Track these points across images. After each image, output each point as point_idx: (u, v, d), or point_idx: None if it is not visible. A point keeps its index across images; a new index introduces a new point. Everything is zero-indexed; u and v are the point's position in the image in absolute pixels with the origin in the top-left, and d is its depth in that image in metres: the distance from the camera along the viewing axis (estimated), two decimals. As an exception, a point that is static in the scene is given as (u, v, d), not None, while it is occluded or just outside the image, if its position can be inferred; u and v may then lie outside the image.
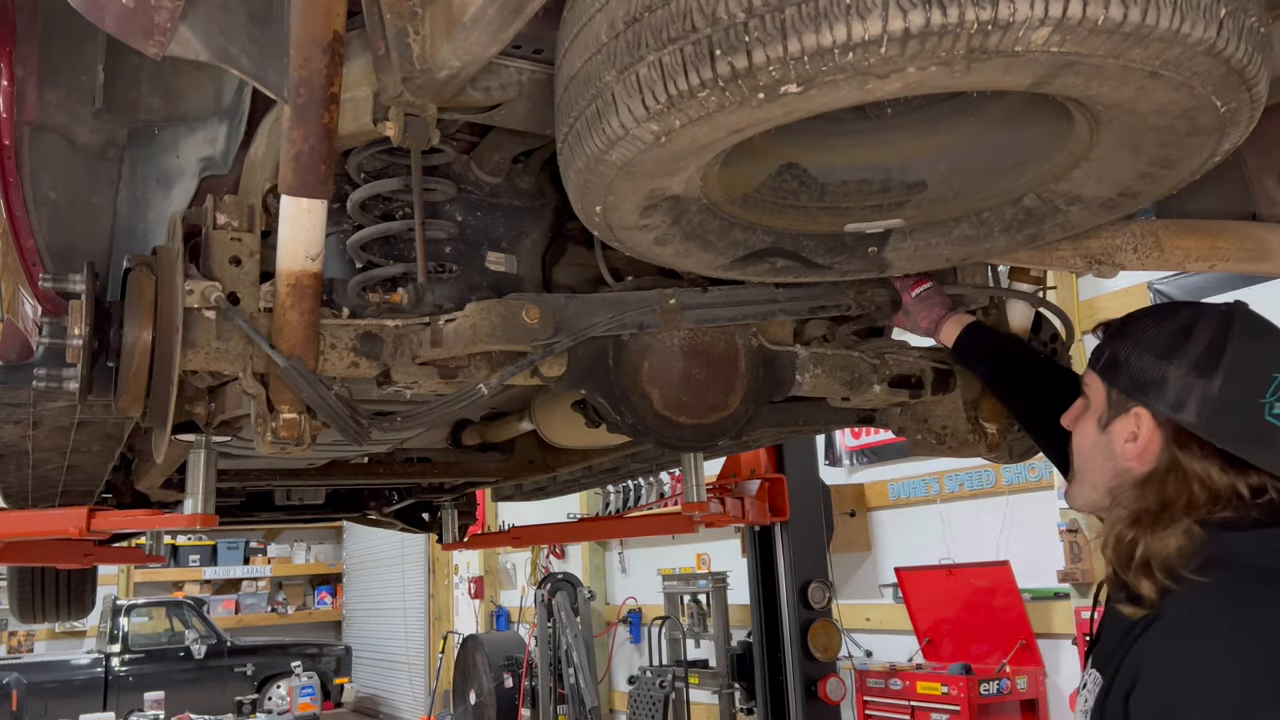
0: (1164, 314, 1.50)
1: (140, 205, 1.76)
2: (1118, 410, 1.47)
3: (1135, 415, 1.45)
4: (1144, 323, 1.50)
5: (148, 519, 2.69)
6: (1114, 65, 1.06)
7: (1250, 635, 1.26)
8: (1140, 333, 1.48)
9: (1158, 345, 1.44)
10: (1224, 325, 1.41)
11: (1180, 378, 1.40)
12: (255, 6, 1.29)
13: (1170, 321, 1.46)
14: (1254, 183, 1.99)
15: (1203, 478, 1.38)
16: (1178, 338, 1.43)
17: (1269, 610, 1.28)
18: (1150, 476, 1.43)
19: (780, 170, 1.53)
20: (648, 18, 1.09)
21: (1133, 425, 1.45)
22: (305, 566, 15.90)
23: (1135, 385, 1.45)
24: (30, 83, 1.67)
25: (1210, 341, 1.40)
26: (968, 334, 1.96)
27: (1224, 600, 1.30)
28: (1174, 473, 1.40)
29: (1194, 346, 1.41)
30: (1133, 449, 1.45)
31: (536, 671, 8.78)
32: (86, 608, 6.02)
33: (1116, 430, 1.47)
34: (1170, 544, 1.35)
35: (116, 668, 11.67)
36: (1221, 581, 1.31)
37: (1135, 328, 1.50)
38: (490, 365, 1.71)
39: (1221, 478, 1.37)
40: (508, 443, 3.45)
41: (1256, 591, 1.30)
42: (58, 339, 1.52)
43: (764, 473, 6.13)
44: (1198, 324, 1.42)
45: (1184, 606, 1.31)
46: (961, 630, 5.81)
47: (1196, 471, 1.39)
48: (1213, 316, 1.43)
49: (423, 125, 1.44)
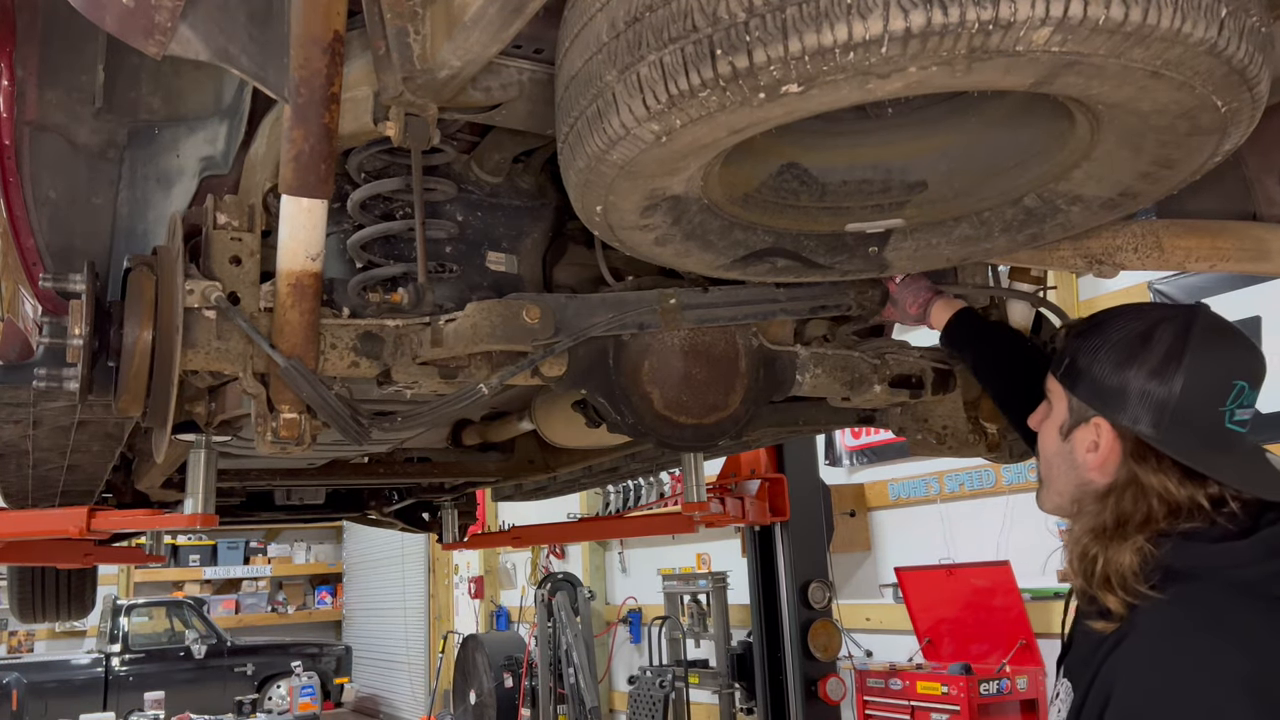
0: (1125, 319, 1.45)
1: (140, 205, 1.76)
2: (1079, 419, 1.44)
3: (1095, 425, 1.42)
4: (1105, 328, 1.45)
5: (148, 519, 2.69)
6: (1115, 65, 1.06)
7: (1231, 652, 1.23)
8: (1101, 339, 1.44)
9: (1117, 352, 1.40)
10: (1183, 331, 1.37)
11: (1138, 387, 1.37)
12: (255, 6, 1.29)
13: (1130, 327, 1.42)
14: (1254, 183, 1.99)
15: (1160, 491, 1.35)
16: (1136, 344, 1.39)
17: (1247, 625, 1.25)
18: (1110, 489, 1.40)
19: (781, 170, 1.53)
20: (648, 17, 1.08)
21: (1093, 435, 1.42)
22: (305, 566, 15.90)
23: (1094, 394, 1.42)
24: (30, 83, 1.67)
25: (1169, 348, 1.36)
26: (959, 319, 1.93)
27: (1198, 616, 1.27)
28: (1132, 487, 1.37)
29: (1152, 354, 1.37)
30: (1094, 459, 1.42)
31: (536, 671, 8.78)
32: (86, 607, 6.02)
33: (1078, 439, 1.44)
34: (1124, 560, 1.32)
35: (116, 668, 11.66)
36: (1193, 596, 1.28)
37: (1096, 333, 1.45)
38: (490, 365, 1.71)
39: (1180, 490, 1.34)
40: (508, 443, 3.45)
41: (1232, 605, 1.27)
42: (58, 339, 1.52)
43: (764, 473, 6.13)
44: (1157, 330, 1.38)
45: (1155, 623, 1.28)
46: (961, 630, 5.81)
47: (1154, 485, 1.35)
48: (1172, 321, 1.39)
49: (423, 125, 1.43)
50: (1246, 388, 1.36)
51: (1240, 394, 1.35)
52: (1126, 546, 1.33)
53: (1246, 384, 1.36)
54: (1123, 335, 1.41)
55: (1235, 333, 1.42)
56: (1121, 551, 1.33)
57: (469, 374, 1.70)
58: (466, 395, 1.67)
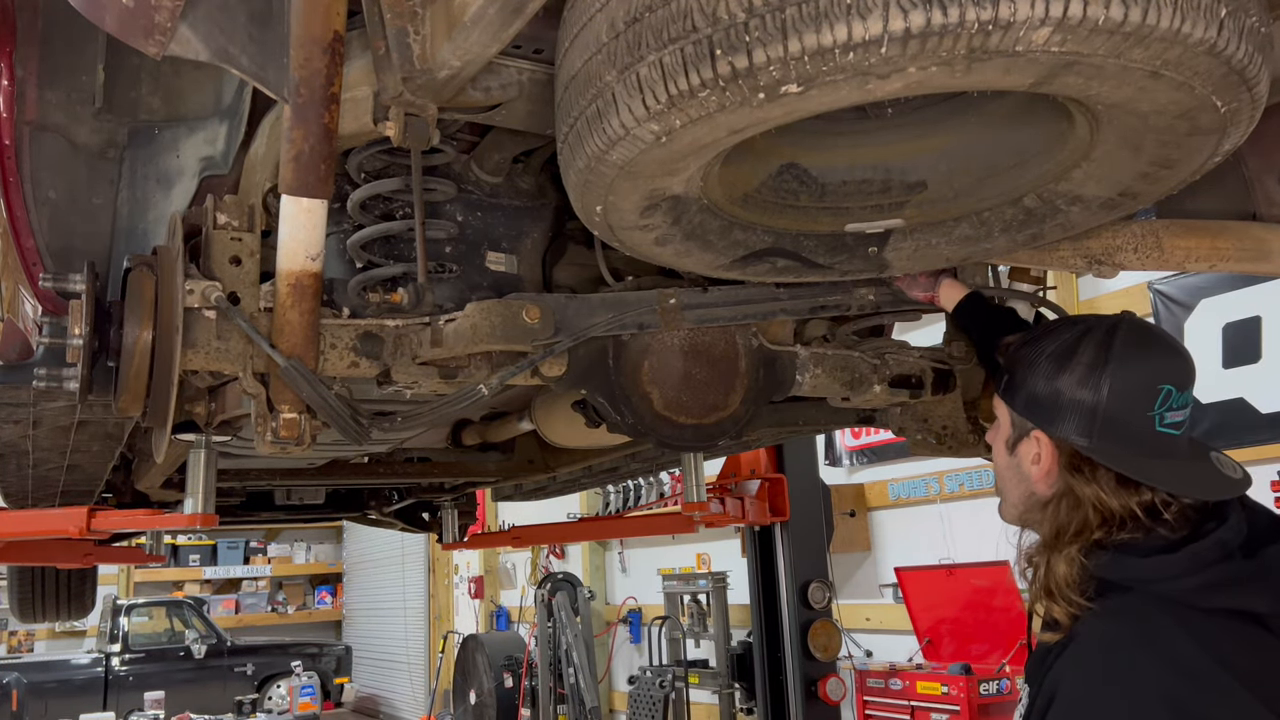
0: (1055, 332, 1.48)
1: (140, 205, 1.76)
2: (1021, 432, 1.47)
3: (1035, 438, 1.44)
4: (1037, 342, 1.48)
5: (148, 519, 2.69)
6: (1114, 65, 1.06)
7: (1154, 666, 1.24)
8: (1034, 352, 1.46)
9: (1047, 365, 1.43)
10: (1106, 340, 1.39)
11: (1068, 397, 1.39)
12: (255, 6, 1.29)
13: (1058, 339, 1.45)
14: (1254, 183, 1.99)
15: (1094, 501, 1.37)
16: (1064, 356, 1.41)
17: (1173, 639, 1.26)
18: (1049, 501, 1.43)
19: (781, 170, 1.53)
20: (648, 18, 1.08)
21: (1035, 447, 1.44)
22: (305, 566, 15.90)
23: (1030, 407, 1.44)
24: (30, 83, 1.67)
25: (1093, 358, 1.38)
26: (969, 301, 1.94)
27: (1127, 629, 1.28)
28: (1068, 497, 1.40)
29: (1079, 364, 1.39)
30: (1037, 471, 1.44)
31: (536, 671, 8.78)
32: (86, 607, 6.02)
33: (1022, 452, 1.47)
34: (1059, 570, 1.34)
35: (116, 667, 11.66)
36: (1124, 608, 1.30)
37: (1028, 348, 1.48)
38: (490, 365, 1.71)
39: (1113, 499, 1.36)
40: (508, 443, 3.45)
41: (1160, 619, 1.28)
42: (58, 339, 1.52)
43: (764, 473, 6.13)
44: (1082, 341, 1.41)
45: (1090, 633, 1.30)
46: (961, 630, 5.81)
47: (1088, 495, 1.37)
48: (1097, 330, 1.41)
49: (423, 125, 1.43)
50: (1174, 391, 1.37)
51: (1168, 398, 1.37)
52: (1061, 557, 1.35)
53: (1174, 387, 1.37)
54: (1054, 347, 1.44)
55: (1159, 338, 1.44)
56: (1058, 562, 1.35)
57: (469, 374, 1.70)
58: (466, 395, 1.67)
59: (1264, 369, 4.57)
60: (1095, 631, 1.30)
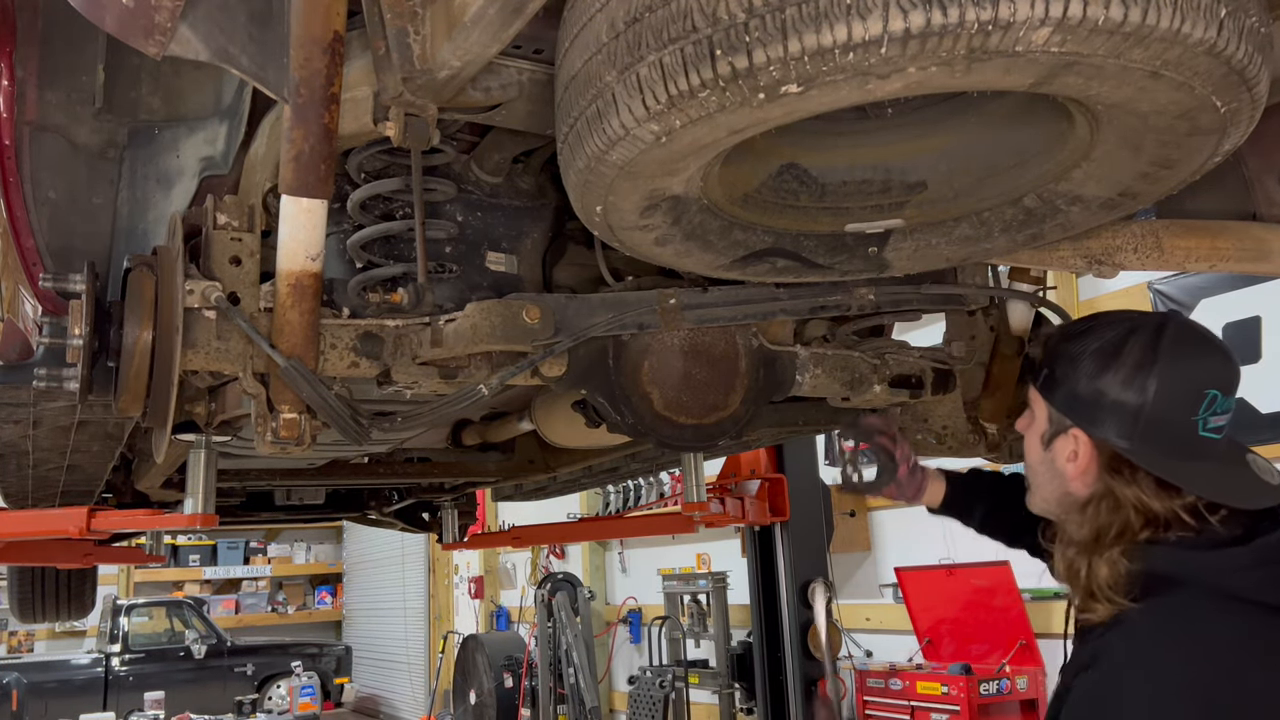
0: (1100, 328, 1.46)
1: (140, 205, 1.76)
2: (1058, 429, 1.45)
3: (1073, 436, 1.42)
4: (1082, 337, 1.46)
5: (148, 519, 2.69)
6: (1114, 65, 1.06)
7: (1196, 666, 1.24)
8: (1077, 348, 1.44)
9: (1091, 363, 1.41)
10: (1153, 340, 1.37)
11: (1111, 398, 1.37)
12: (255, 6, 1.29)
13: (1103, 336, 1.43)
14: (1254, 183, 1.99)
15: (1135, 503, 1.35)
16: (1109, 355, 1.39)
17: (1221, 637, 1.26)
18: (1088, 502, 1.41)
19: (781, 170, 1.53)
20: (648, 18, 1.08)
21: (1072, 445, 1.43)
22: (305, 566, 15.90)
23: (1070, 405, 1.43)
24: (30, 83, 1.67)
25: (1139, 358, 1.36)
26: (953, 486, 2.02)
27: (1173, 622, 1.28)
28: (1107, 499, 1.38)
29: (1124, 364, 1.37)
30: (1073, 469, 1.43)
31: (536, 671, 8.78)
32: (86, 607, 6.02)
33: (1058, 449, 1.45)
34: (1101, 573, 1.33)
35: (116, 668, 11.67)
36: (1171, 606, 1.29)
37: (1073, 343, 1.46)
38: (490, 365, 1.71)
39: (1155, 501, 1.35)
40: (508, 443, 3.45)
41: (1211, 615, 1.27)
42: (58, 339, 1.52)
43: (764, 473, 6.14)
44: (1129, 339, 1.39)
45: (1134, 622, 1.30)
46: (961, 630, 5.81)
47: (1129, 497, 1.36)
48: (1144, 330, 1.39)
49: (423, 125, 1.43)
50: (1219, 396, 1.35)
51: (1213, 402, 1.35)
52: (1103, 560, 1.34)
53: (1219, 392, 1.36)
54: (1098, 345, 1.42)
55: (1208, 341, 1.42)
56: (1099, 565, 1.34)
57: (469, 374, 1.70)
58: (466, 395, 1.67)
59: (1264, 369, 4.57)
60: (1140, 619, 1.30)
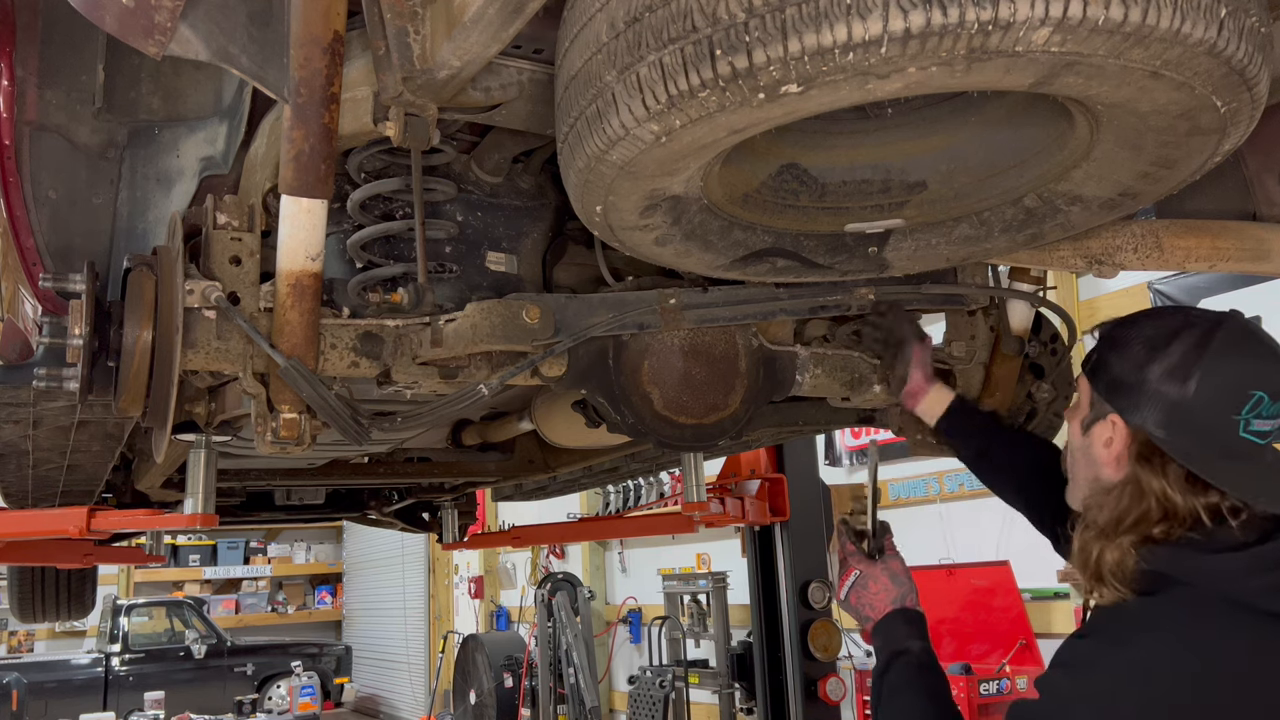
0: (1156, 319, 1.45)
1: (140, 205, 1.75)
2: (1098, 414, 1.45)
3: (1111, 421, 1.42)
4: (1136, 324, 1.46)
5: (148, 519, 2.69)
6: (1114, 65, 1.06)
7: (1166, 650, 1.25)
8: (1129, 335, 1.44)
9: (1139, 350, 1.40)
10: (1206, 335, 1.36)
11: (1153, 386, 1.36)
12: (255, 6, 1.29)
13: (1157, 325, 1.42)
14: (1254, 183, 1.99)
15: (1158, 495, 1.35)
16: (1158, 344, 1.38)
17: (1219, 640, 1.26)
18: (1114, 486, 1.41)
19: (781, 170, 1.53)
20: (648, 18, 1.08)
21: (1109, 431, 1.42)
22: (305, 566, 15.90)
23: (1111, 390, 1.43)
24: (30, 83, 1.67)
25: (1188, 351, 1.35)
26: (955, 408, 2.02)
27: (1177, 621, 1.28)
28: (1132, 486, 1.38)
29: (1171, 355, 1.36)
30: (1107, 455, 1.42)
31: (536, 671, 8.78)
32: (86, 607, 6.02)
33: (1096, 434, 1.45)
34: (1110, 556, 1.33)
35: (116, 667, 11.66)
36: (1175, 602, 1.29)
37: (1124, 330, 1.46)
38: (490, 365, 1.71)
39: (1178, 496, 1.34)
40: (508, 443, 3.45)
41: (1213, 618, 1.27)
42: (58, 339, 1.52)
43: (764, 473, 6.13)
44: (1182, 332, 1.38)
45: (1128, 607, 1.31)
46: (961, 630, 5.81)
47: (1154, 488, 1.35)
48: (1199, 324, 1.38)
49: (423, 125, 1.43)
50: (1266, 399, 1.33)
51: (1258, 404, 1.32)
52: (1113, 545, 1.34)
53: (1267, 395, 1.33)
54: (1150, 333, 1.41)
55: (1262, 342, 1.39)
56: (1110, 549, 1.34)
57: (469, 374, 1.70)
58: (466, 395, 1.67)
59: (1264, 369, 4.56)
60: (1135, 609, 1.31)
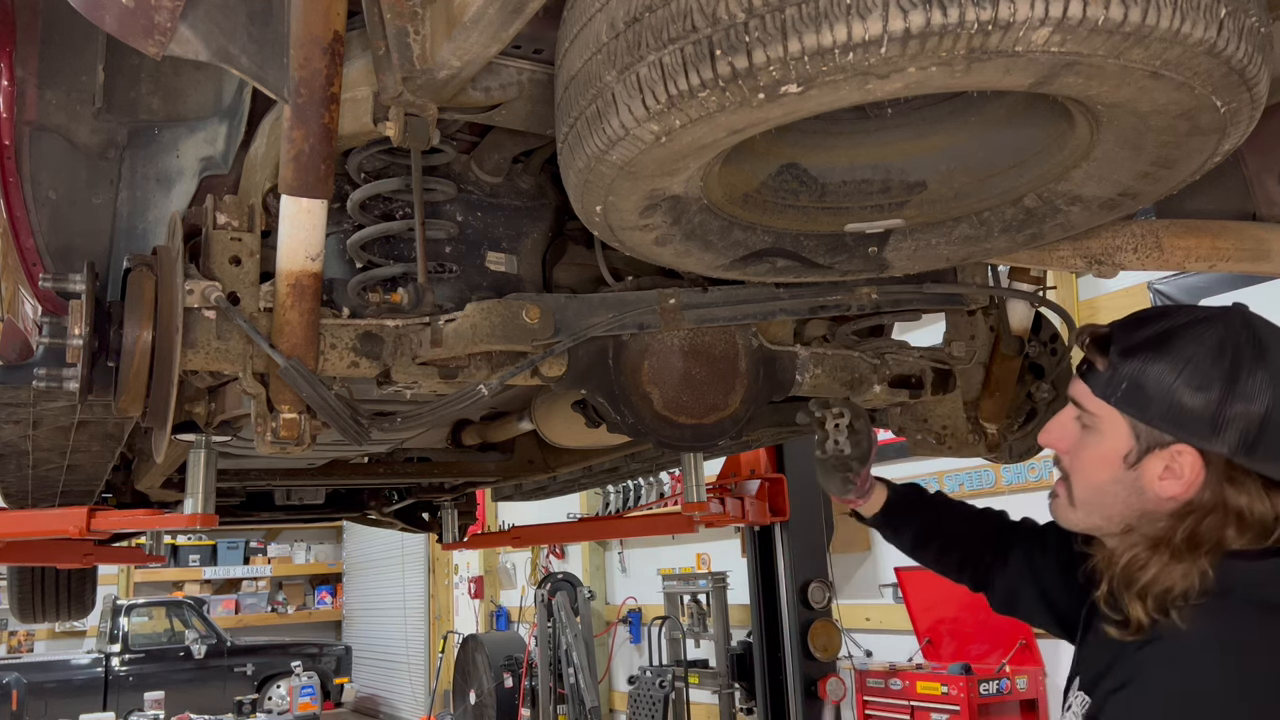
0: (1181, 334, 1.35)
1: (140, 205, 1.76)
2: (1151, 444, 1.34)
3: (1175, 452, 1.32)
4: (1165, 348, 1.34)
5: (148, 519, 2.69)
6: (1114, 65, 1.06)
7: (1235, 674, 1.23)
8: (1165, 360, 1.33)
9: (1190, 375, 1.31)
10: (1251, 341, 1.31)
11: (1226, 411, 1.29)
12: (255, 6, 1.29)
13: (1193, 343, 1.33)
14: (1254, 183, 1.99)
15: (1241, 510, 1.30)
16: (1208, 363, 1.31)
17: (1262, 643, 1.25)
18: (1187, 509, 1.33)
19: (780, 170, 1.53)
20: (648, 18, 1.08)
21: (1168, 460, 1.33)
22: (305, 566, 15.90)
23: (1172, 420, 1.32)
24: (30, 83, 1.67)
25: (1246, 364, 1.30)
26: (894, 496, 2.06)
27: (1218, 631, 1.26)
28: (1217, 510, 1.31)
29: (1229, 372, 1.30)
30: (1172, 486, 1.33)
31: (536, 671, 8.78)
32: (86, 607, 6.02)
33: (1149, 466, 1.34)
34: (1175, 576, 1.28)
35: (116, 668, 11.67)
36: (1218, 610, 1.27)
37: (1158, 353, 1.34)
38: (490, 365, 1.71)
39: (1258, 506, 1.30)
40: (508, 443, 3.45)
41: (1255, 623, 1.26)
42: (58, 339, 1.52)
43: (764, 473, 6.14)
44: (1224, 345, 1.31)
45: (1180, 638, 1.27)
46: (961, 630, 5.81)
47: (1238, 505, 1.30)
48: (1231, 332, 1.33)
49: (423, 125, 1.44)
50: None
51: None
52: (1181, 568, 1.29)
53: None
54: (1193, 352, 1.32)
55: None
56: (1173, 570, 1.29)
57: (469, 374, 1.70)
58: (466, 395, 1.67)
59: (1264, 369, 4.56)
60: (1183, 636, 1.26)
